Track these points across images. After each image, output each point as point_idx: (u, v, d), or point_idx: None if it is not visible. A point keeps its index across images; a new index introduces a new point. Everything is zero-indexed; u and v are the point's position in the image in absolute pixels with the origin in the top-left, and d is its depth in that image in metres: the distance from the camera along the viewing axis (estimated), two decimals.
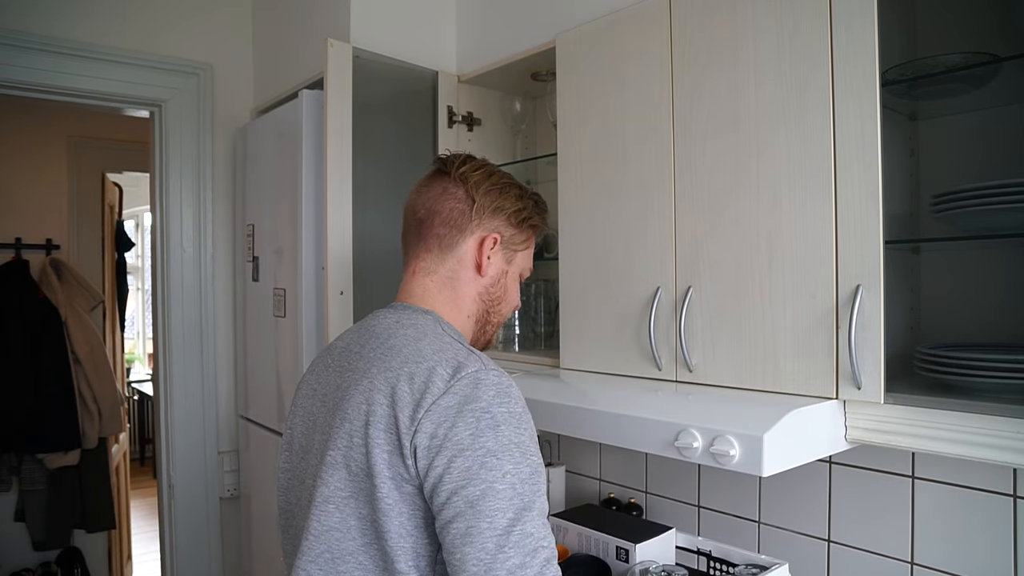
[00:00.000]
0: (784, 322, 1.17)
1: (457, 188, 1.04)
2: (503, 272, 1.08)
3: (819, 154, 1.11)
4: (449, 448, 0.82)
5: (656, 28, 1.36)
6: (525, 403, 0.90)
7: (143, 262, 6.52)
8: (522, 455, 0.84)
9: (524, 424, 0.87)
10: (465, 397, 0.85)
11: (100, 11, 2.12)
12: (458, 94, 1.94)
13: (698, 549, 1.45)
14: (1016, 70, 1.05)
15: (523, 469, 0.83)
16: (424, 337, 0.94)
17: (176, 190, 2.29)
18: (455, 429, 0.83)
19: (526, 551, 0.79)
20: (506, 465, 0.82)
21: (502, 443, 0.83)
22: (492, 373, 0.88)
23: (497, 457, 0.82)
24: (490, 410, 0.84)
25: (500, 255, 1.07)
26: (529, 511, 0.81)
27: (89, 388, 2.99)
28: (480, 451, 0.82)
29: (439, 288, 1.05)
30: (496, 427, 0.83)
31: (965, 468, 1.22)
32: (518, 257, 1.11)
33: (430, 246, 1.05)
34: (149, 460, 5.65)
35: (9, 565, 2.99)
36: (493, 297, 1.08)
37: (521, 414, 0.87)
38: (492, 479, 0.81)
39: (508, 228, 1.07)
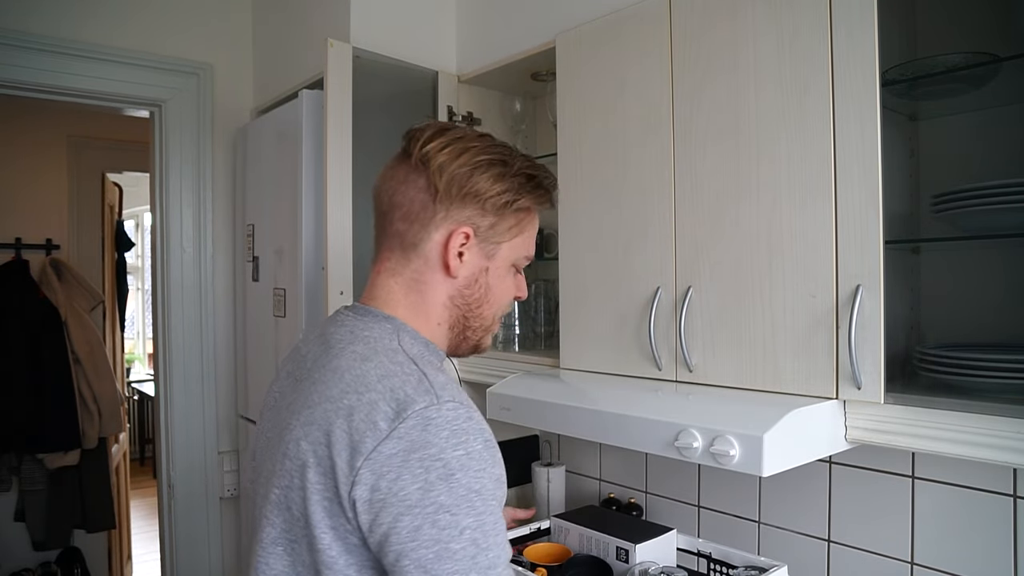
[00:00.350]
0: (784, 322, 1.17)
1: (418, 174, 0.88)
2: (482, 270, 0.91)
3: (819, 154, 1.12)
4: (394, 505, 0.70)
5: (656, 29, 1.36)
6: (489, 433, 0.77)
7: (143, 262, 6.51)
8: (483, 503, 0.72)
9: (486, 464, 0.74)
10: (412, 443, 0.72)
11: (100, 11, 2.12)
12: (458, 94, 1.93)
13: (698, 551, 1.45)
14: (1016, 70, 1.05)
15: (486, 520, 0.72)
16: (373, 356, 0.81)
17: (176, 190, 2.29)
18: (400, 482, 0.70)
19: None
20: (464, 520, 0.70)
21: (458, 495, 0.71)
22: (446, 408, 0.74)
23: (452, 512, 0.70)
24: (442, 456, 0.71)
25: (476, 251, 0.90)
26: (494, 568, 0.71)
27: (89, 388, 2.99)
28: (431, 507, 0.70)
29: (404, 292, 0.90)
30: (450, 476, 0.71)
31: (965, 468, 1.22)
32: (503, 249, 0.92)
33: (392, 244, 0.91)
34: (149, 460, 5.65)
35: (9, 565, 2.99)
36: (470, 300, 0.91)
37: (481, 452, 0.74)
38: (447, 538, 0.69)
39: (485, 217, 0.89)
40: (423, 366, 0.81)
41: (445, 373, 0.83)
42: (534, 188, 0.92)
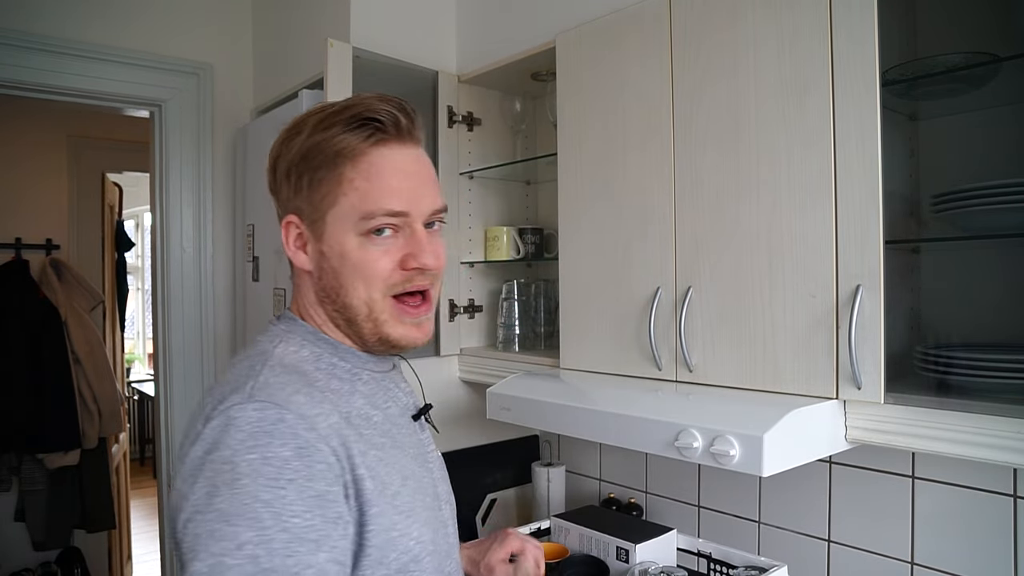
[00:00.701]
0: (784, 322, 1.17)
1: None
2: (320, 254, 0.80)
3: (819, 154, 1.11)
4: (185, 510, 0.64)
5: (656, 29, 1.36)
6: (306, 446, 0.67)
7: (143, 262, 6.51)
8: (274, 518, 0.62)
9: (291, 474, 0.64)
10: (211, 444, 0.66)
11: (101, 11, 2.12)
12: (458, 94, 1.94)
13: (698, 551, 1.45)
14: (1016, 70, 1.05)
15: (274, 536, 0.61)
16: (244, 360, 0.77)
17: (176, 190, 2.29)
18: (194, 486, 0.64)
19: None
20: (244, 533, 0.61)
21: (240, 503, 0.62)
22: (251, 407, 0.67)
23: (231, 523, 0.61)
24: (233, 459, 0.64)
25: (310, 236, 0.80)
26: None
27: (89, 388, 2.99)
28: (212, 515, 0.62)
29: (301, 296, 0.85)
30: (235, 482, 0.62)
31: (965, 468, 1.22)
32: (328, 222, 0.78)
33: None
34: (149, 460, 5.65)
35: (9, 565, 2.99)
36: (329, 291, 0.80)
37: (287, 459, 0.64)
38: (221, 552, 0.60)
39: (297, 198, 0.80)
40: (268, 367, 0.74)
41: (304, 378, 0.74)
42: (333, 135, 0.77)
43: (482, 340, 1.99)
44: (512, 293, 1.87)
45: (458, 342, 1.94)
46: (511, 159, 1.98)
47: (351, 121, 0.77)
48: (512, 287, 1.87)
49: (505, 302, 1.87)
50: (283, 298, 1.94)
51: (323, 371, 0.79)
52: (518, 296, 1.87)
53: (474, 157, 1.97)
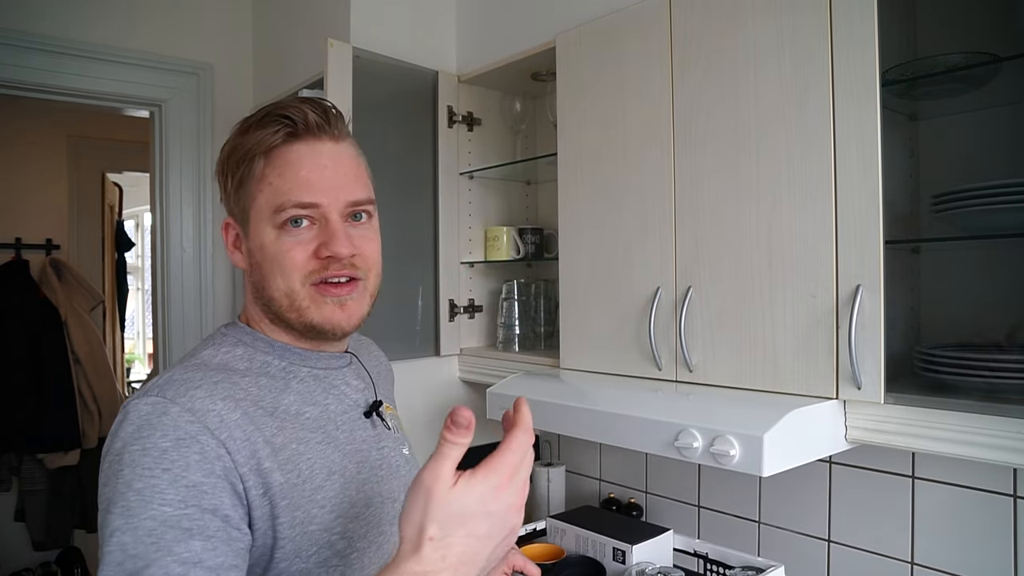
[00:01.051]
0: (784, 322, 1.17)
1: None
2: (250, 252, 0.83)
3: (819, 154, 1.11)
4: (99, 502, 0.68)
5: (656, 28, 1.36)
6: (186, 437, 0.67)
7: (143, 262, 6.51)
8: (142, 504, 0.63)
9: (164, 463, 0.65)
10: (111, 438, 0.69)
11: (101, 11, 2.12)
12: (458, 94, 1.94)
13: (695, 551, 1.45)
14: (1016, 70, 1.05)
15: (140, 524, 0.62)
16: (184, 358, 0.81)
17: (176, 190, 2.29)
18: (100, 478, 0.68)
19: None
20: (115, 520, 0.63)
21: (116, 491, 0.64)
22: (144, 402, 0.69)
23: (109, 511, 0.64)
24: (121, 451, 0.66)
25: (242, 236, 0.83)
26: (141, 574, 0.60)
27: (89, 388, 2.99)
28: (103, 504, 0.65)
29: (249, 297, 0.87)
30: (118, 472, 0.65)
31: (965, 468, 1.22)
32: (251, 218, 0.81)
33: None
34: None
35: (9, 565, 2.99)
36: (259, 286, 0.82)
37: (165, 450, 0.66)
38: (103, 539, 0.63)
39: (227, 200, 0.84)
40: (180, 367, 0.76)
41: (220, 375, 0.75)
42: (246, 137, 0.81)
43: (482, 340, 1.99)
44: (512, 293, 1.87)
45: (458, 342, 1.94)
46: (511, 159, 1.98)
47: (265, 121, 0.80)
48: (512, 287, 1.87)
49: (505, 302, 1.87)
50: None
51: (253, 370, 0.80)
52: (518, 296, 1.87)
53: (474, 157, 1.97)
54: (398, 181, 1.84)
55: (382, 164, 1.83)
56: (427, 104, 1.89)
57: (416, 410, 1.87)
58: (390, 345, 1.82)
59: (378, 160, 1.46)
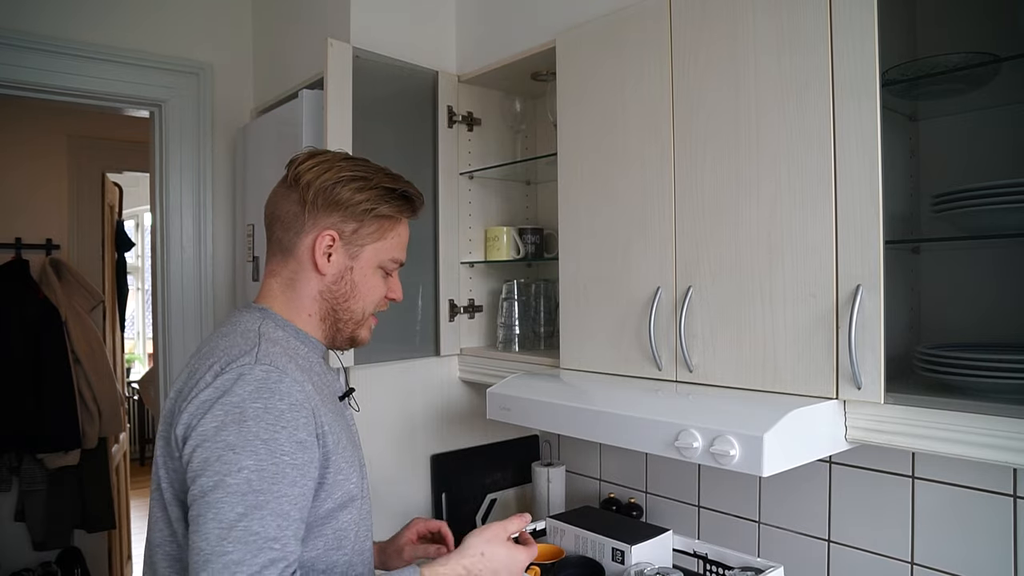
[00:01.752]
0: (784, 322, 1.17)
1: (292, 190, 1.04)
2: (347, 268, 1.05)
3: (819, 153, 1.11)
4: (194, 438, 0.84)
5: (656, 28, 1.36)
6: (299, 400, 0.89)
7: (143, 262, 6.51)
8: (268, 453, 0.83)
9: (281, 422, 0.85)
10: (222, 390, 0.86)
11: (101, 11, 2.12)
12: (458, 94, 1.94)
13: (695, 552, 1.45)
14: (1016, 70, 1.05)
15: (266, 467, 0.82)
16: (231, 335, 0.96)
17: (176, 190, 2.29)
18: (204, 420, 0.85)
19: (249, 548, 0.78)
20: (245, 460, 0.82)
21: (244, 438, 0.82)
22: (260, 368, 0.88)
23: (235, 451, 0.82)
24: (241, 404, 0.84)
25: (341, 252, 1.04)
26: (261, 509, 0.80)
27: (89, 388, 2.98)
28: (220, 444, 0.82)
29: (281, 289, 1.06)
30: (242, 422, 0.83)
31: (965, 468, 1.22)
32: (367, 252, 1.06)
33: (274, 250, 1.07)
34: (149, 460, 5.65)
35: (9, 565, 2.99)
36: (337, 294, 1.06)
37: (283, 412, 0.86)
38: (225, 472, 0.81)
39: (348, 223, 1.04)
40: (264, 340, 0.94)
41: (287, 353, 0.96)
42: (394, 198, 1.07)
43: (482, 340, 1.99)
44: (512, 293, 1.87)
45: (458, 342, 1.94)
46: (511, 159, 1.98)
47: (411, 197, 1.10)
48: (512, 287, 1.87)
49: (505, 302, 1.88)
50: None
51: (291, 349, 1.00)
52: (518, 296, 1.87)
53: (474, 157, 1.97)
54: None
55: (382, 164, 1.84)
56: (427, 104, 1.89)
57: (416, 410, 1.88)
58: (390, 345, 1.83)
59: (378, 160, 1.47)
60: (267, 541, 0.80)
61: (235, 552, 0.78)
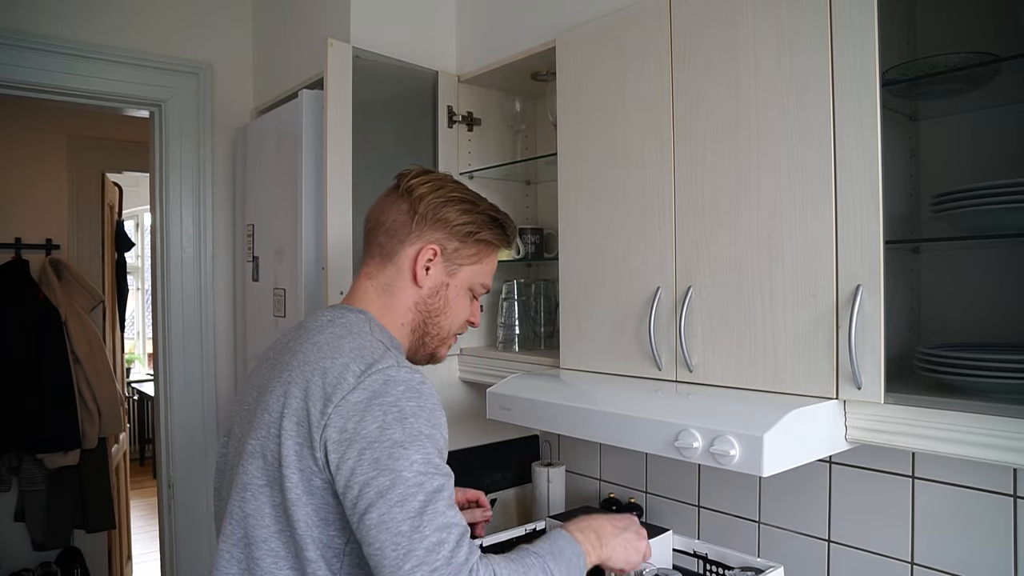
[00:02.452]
0: (784, 322, 1.17)
1: (402, 200, 1.08)
2: (443, 284, 1.10)
3: (819, 153, 1.11)
4: (359, 442, 0.86)
5: (656, 28, 1.36)
6: (438, 403, 0.94)
7: (143, 262, 6.51)
8: (432, 444, 0.88)
9: (434, 419, 0.91)
10: (374, 392, 0.89)
11: (101, 11, 2.12)
12: (458, 94, 1.94)
13: (694, 552, 1.45)
14: (1016, 70, 1.05)
15: (432, 458, 0.87)
16: (348, 336, 0.98)
17: (176, 190, 2.29)
18: (363, 423, 0.86)
19: (441, 529, 0.82)
20: (414, 455, 0.85)
21: (410, 434, 0.86)
22: (404, 371, 0.92)
23: (404, 447, 0.85)
24: (398, 404, 0.88)
25: (440, 267, 1.09)
26: (440, 493, 0.85)
27: (89, 388, 2.98)
28: (387, 443, 0.85)
29: (377, 293, 1.09)
30: (404, 419, 0.87)
31: (965, 468, 1.22)
32: (463, 272, 1.12)
33: (374, 253, 1.10)
34: (149, 460, 5.65)
35: (9, 565, 2.99)
36: (431, 308, 1.10)
37: (432, 408, 0.91)
38: (400, 468, 0.84)
39: (451, 241, 1.09)
40: (388, 345, 0.99)
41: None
42: (495, 227, 1.13)
43: (482, 340, 1.99)
44: (512, 293, 1.87)
45: (458, 342, 1.94)
46: (511, 159, 1.98)
47: (506, 226, 1.18)
48: (512, 287, 1.87)
49: (505, 302, 1.88)
50: (283, 298, 1.94)
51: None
52: (518, 296, 1.87)
53: (474, 157, 1.97)
54: None
55: (382, 164, 1.84)
56: (427, 104, 1.90)
57: None
58: None
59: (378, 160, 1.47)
60: (451, 519, 0.84)
61: (432, 535, 0.81)
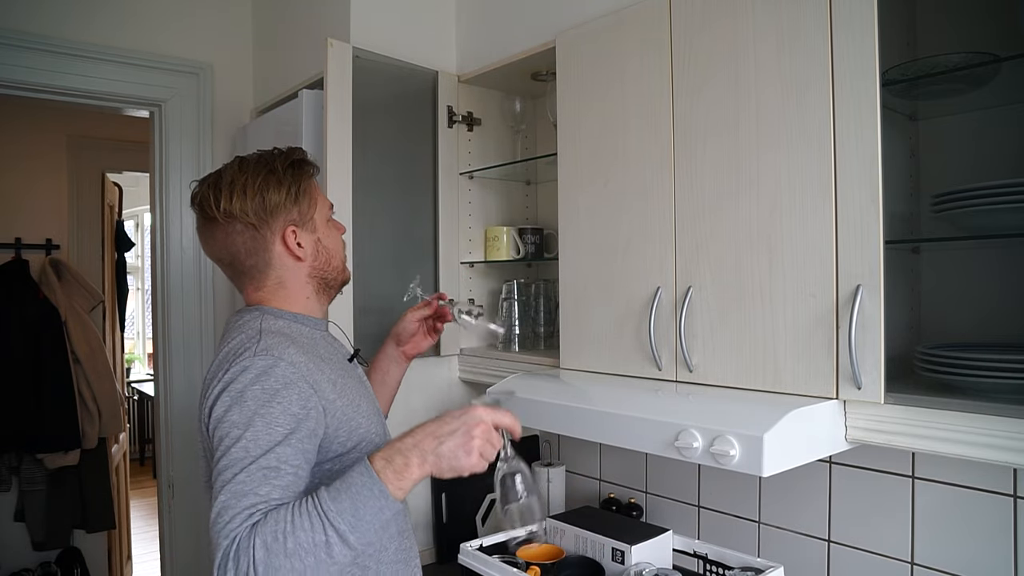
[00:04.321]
0: (784, 322, 1.17)
1: (232, 224, 1.11)
2: (315, 241, 1.17)
3: (819, 154, 1.11)
4: (214, 423, 0.99)
5: (656, 28, 1.36)
6: (292, 379, 1.00)
7: (143, 262, 6.51)
8: (264, 425, 0.96)
9: (279, 399, 0.98)
10: (228, 383, 1.00)
11: (100, 11, 2.12)
12: (458, 94, 1.94)
13: (695, 552, 1.45)
14: (1016, 70, 1.05)
15: (260, 436, 0.95)
16: (236, 337, 1.08)
17: (176, 190, 2.29)
18: (218, 407, 0.99)
19: (234, 496, 0.92)
20: (245, 433, 0.95)
21: (244, 416, 0.96)
22: (258, 359, 1.01)
23: (237, 427, 0.96)
24: (243, 391, 0.98)
25: (304, 234, 1.15)
26: (264, 460, 0.95)
27: (89, 388, 2.98)
28: (226, 423, 0.97)
29: (272, 293, 1.16)
30: (243, 403, 0.97)
31: (965, 468, 1.22)
32: (316, 218, 1.17)
33: (252, 275, 1.15)
34: (149, 460, 5.65)
35: (9, 565, 2.99)
36: (321, 265, 1.18)
37: (278, 390, 0.99)
38: (230, 444, 0.95)
39: (290, 212, 1.13)
40: (265, 334, 1.06)
41: (288, 337, 1.07)
42: (295, 167, 1.16)
43: (482, 340, 1.99)
44: (512, 293, 1.87)
45: (458, 342, 1.94)
46: (511, 159, 1.98)
47: (303, 156, 1.19)
48: (512, 287, 1.87)
49: (505, 302, 1.87)
50: None
51: (293, 332, 1.12)
52: (518, 296, 1.87)
53: (474, 157, 1.97)
54: (398, 181, 1.85)
55: (382, 164, 1.84)
56: (427, 104, 1.90)
57: (416, 409, 1.87)
58: None
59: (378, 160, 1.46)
60: (248, 489, 0.93)
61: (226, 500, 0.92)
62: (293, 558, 0.86)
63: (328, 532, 0.88)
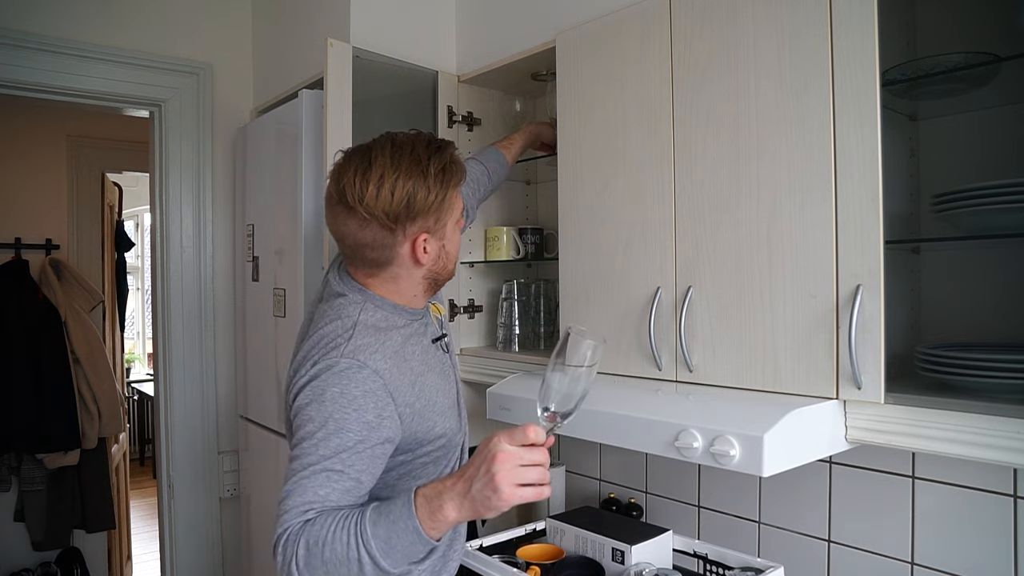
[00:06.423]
0: (784, 322, 1.17)
1: (370, 221, 1.09)
2: (440, 247, 1.17)
3: (819, 154, 1.12)
4: (295, 409, 1.05)
5: (656, 28, 1.36)
6: (373, 388, 1.04)
7: (143, 262, 6.51)
8: (337, 427, 1.00)
9: (355, 405, 1.02)
10: (312, 377, 1.05)
11: (100, 11, 2.12)
12: (458, 94, 1.94)
13: (694, 552, 1.45)
14: (1016, 70, 1.05)
15: (331, 438, 1.00)
16: (335, 319, 1.12)
17: (176, 190, 2.29)
18: (300, 398, 1.05)
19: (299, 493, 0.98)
20: (318, 432, 1.00)
21: (321, 415, 1.01)
22: (342, 362, 1.05)
23: (313, 422, 1.01)
24: (323, 388, 1.03)
25: (433, 240, 1.15)
26: (332, 457, 1.00)
27: (89, 388, 2.98)
28: (304, 416, 1.03)
29: (382, 284, 1.17)
30: (322, 402, 1.02)
31: (965, 468, 1.22)
32: (448, 225, 1.17)
33: (369, 264, 1.15)
34: (149, 460, 5.65)
35: (9, 565, 2.99)
36: (439, 268, 1.19)
37: (356, 397, 1.02)
38: (305, 436, 1.01)
39: (429, 218, 1.12)
40: (359, 330, 1.09)
41: (381, 335, 1.10)
42: (452, 173, 1.13)
43: (482, 340, 1.99)
44: (512, 293, 1.87)
45: (458, 342, 1.94)
46: None
47: (454, 156, 1.17)
48: (512, 287, 1.87)
49: (505, 302, 1.87)
50: (283, 298, 1.94)
51: (389, 324, 1.15)
52: (518, 296, 1.87)
53: None
54: None
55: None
56: (427, 104, 1.89)
57: None
58: None
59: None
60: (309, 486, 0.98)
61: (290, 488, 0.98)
62: (328, 565, 0.92)
63: (361, 552, 0.91)
